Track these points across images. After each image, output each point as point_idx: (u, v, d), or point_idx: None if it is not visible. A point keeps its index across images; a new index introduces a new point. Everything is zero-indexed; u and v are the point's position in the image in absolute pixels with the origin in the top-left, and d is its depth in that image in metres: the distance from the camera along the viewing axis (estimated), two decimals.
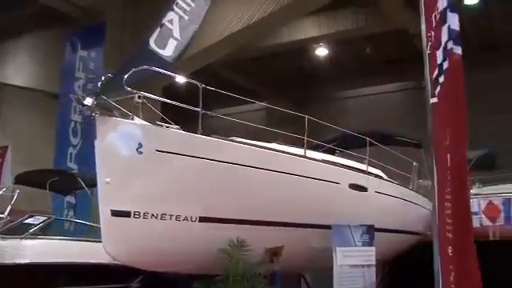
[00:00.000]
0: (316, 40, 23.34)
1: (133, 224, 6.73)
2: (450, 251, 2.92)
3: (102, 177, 6.69)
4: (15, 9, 21.09)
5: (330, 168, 9.05)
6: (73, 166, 16.46)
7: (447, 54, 2.58)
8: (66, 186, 12.54)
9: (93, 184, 11.65)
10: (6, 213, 10.21)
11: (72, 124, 17.11)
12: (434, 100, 3.21)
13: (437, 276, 3.24)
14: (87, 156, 16.10)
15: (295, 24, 21.40)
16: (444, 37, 2.59)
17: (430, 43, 3.28)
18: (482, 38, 23.34)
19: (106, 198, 6.70)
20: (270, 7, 15.88)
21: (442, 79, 2.88)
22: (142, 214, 6.78)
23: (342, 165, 9.52)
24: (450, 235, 2.91)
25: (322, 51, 24.90)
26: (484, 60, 23.36)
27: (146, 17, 18.05)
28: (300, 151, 8.63)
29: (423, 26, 3.58)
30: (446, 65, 2.67)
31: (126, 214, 6.69)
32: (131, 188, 6.82)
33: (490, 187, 15.73)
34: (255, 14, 15.87)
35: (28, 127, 22.18)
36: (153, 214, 6.85)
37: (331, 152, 11.42)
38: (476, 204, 12.98)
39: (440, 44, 2.86)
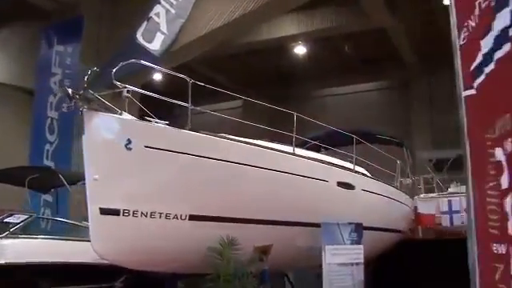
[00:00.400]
0: (295, 38, 23.32)
1: (122, 222, 6.54)
2: (494, 248, 2.81)
3: (90, 173, 6.49)
4: None
5: (318, 166, 8.96)
6: (49, 163, 16.06)
7: (505, 40, 2.46)
8: (45, 184, 12.22)
9: (73, 181, 11.46)
10: None
11: (48, 121, 16.72)
12: (471, 92, 3.09)
13: (473, 275, 3.13)
14: (64, 153, 15.92)
15: (275, 22, 21.34)
16: (500, 23, 2.47)
17: (466, 33, 3.15)
18: None
19: (95, 196, 6.51)
20: (251, 4, 15.74)
21: (488, 69, 2.76)
22: (131, 212, 6.59)
23: (330, 163, 9.44)
24: (494, 231, 2.79)
25: (300, 49, 24.92)
26: None
27: (124, 10, 17.82)
28: (288, 149, 8.54)
29: (453, 17, 3.46)
30: (500, 53, 2.55)
31: (115, 212, 6.50)
32: (120, 185, 6.63)
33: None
34: (236, 10, 15.71)
35: (1, 124, 21.63)
36: (142, 212, 6.67)
37: (316, 150, 11.38)
38: (458, 202, 13.04)
39: (487, 32, 2.73)
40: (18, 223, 8.86)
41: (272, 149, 8.24)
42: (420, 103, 26.04)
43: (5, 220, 9.02)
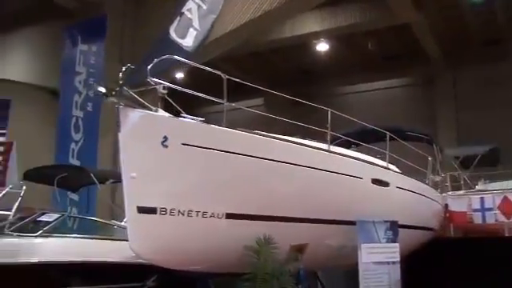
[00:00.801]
0: (318, 35, 23.14)
1: (159, 221, 6.45)
2: None
3: (127, 172, 6.39)
4: (11, 2, 20.69)
5: (353, 163, 8.81)
6: (75, 162, 16.05)
7: None
8: (74, 182, 12.18)
9: (102, 180, 11.42)
10: (14, 210, 9.84)
11: (73, 120, 16.70)
12: None
13: None
14: (90, 152, 15.91)
15: (298, 19, 21.23)
16: None
17: None
18: (487, 33, 23.28)
19: (132, 194, 6.41)
20: (276, 0, 15.61)
21: None
22: (168, 211, 6.50)
23: (364, 160, 9.27)
24: None
25: (323, 46, 24.71)
26: (491, 55, 23.40)
27: (148, 9, 17.78)
28: (322, 146, 8.41)
29: None
30: None
31: (152, 211, 6.40)
32: (157, 183, 6.53)
33: (497, 183, 15.66)
34: (261, 6, 15.57)
35: (25, 123, 21.72)
36: (179, 211, 6.58)
37: (346, 146, 11.20)
38: (491, 200, 12.83)
39: None
40: (51, 222, 8.83)
41: (308, 146, 8.10)
42: (444, 99, 25.72)
43: (38, 219, 8.99)
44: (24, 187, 10.50)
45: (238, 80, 7.29)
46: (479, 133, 21.82)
